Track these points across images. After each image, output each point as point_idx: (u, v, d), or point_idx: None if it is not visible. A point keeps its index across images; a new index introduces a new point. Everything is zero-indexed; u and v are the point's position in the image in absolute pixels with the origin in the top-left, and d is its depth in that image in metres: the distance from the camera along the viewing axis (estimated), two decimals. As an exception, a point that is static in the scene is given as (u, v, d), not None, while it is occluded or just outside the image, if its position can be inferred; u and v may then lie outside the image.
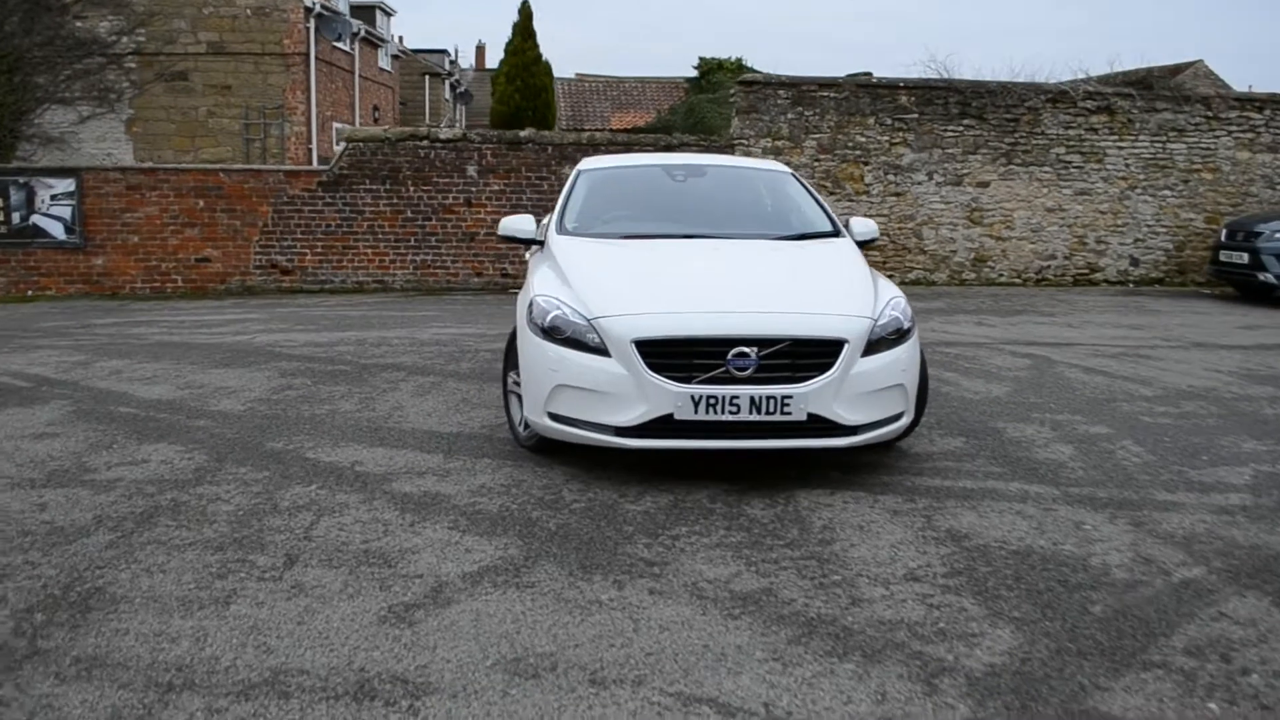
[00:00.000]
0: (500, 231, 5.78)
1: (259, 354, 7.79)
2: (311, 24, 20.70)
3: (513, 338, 5.12)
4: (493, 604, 3.19)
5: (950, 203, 14.27)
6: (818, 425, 4.24)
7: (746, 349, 4.16)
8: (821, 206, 5.84)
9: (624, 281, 4.62)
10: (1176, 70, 29.98)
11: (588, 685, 2.68)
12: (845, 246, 5.32)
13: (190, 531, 3.85)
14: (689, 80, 32.39)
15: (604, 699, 2.61)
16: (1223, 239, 12.76)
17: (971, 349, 8.35)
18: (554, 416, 4.45)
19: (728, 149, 13.65)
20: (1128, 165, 14.39)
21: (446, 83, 36.44)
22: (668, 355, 4.19)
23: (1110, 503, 4.24)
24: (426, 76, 34.65)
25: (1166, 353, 8.40)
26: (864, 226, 5.66)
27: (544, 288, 4.71)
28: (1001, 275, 14.44)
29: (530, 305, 4.63)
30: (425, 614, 3.12)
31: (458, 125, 35.34)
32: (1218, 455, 5.01)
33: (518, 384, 5.10)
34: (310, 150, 20.50)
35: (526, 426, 4.91)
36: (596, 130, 16.22)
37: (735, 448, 4.29)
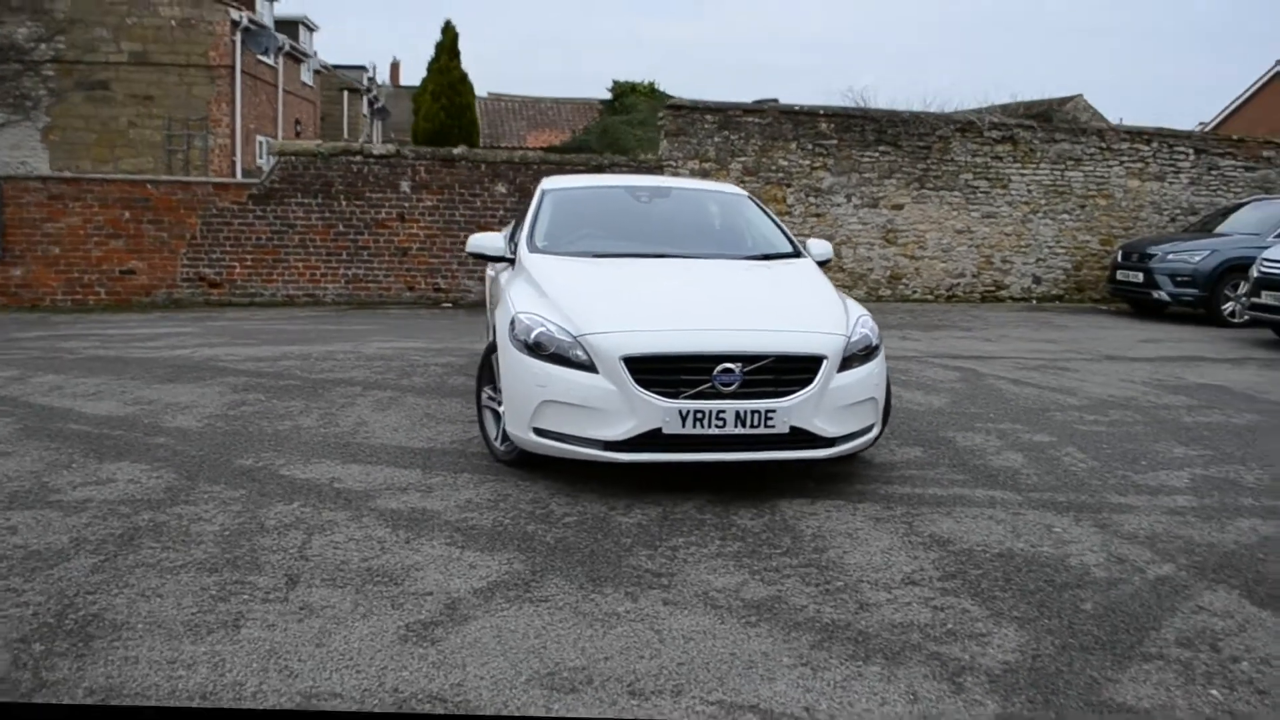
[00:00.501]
0: (470, 249, 5.78)
1: (202, 369, 7.57)
2: (238, 38, 20.22)
3: (488, 354, 5.13)
4: (511, 619, 3.21)
5: (867, 224, 14.73)
6: (799, 438, 4.37)
7: (731, 365, 4.27)
8: (780, 228, 6.01)
9: (608, 299, 4.68)
10: (1061, 103, 31.58)
11: (628, 697, 2.73)
12: (809, 267, 5.49)
13: (178, 553, 3.75)
14: (603, 102, 32.64)
15: (648, 710, 2.66)
16: (1119, 260, 13.49)
17: (903, 362, 8.64)
18: (540, 431, 4.48)
19: (656, 169, 13.82)
20: (1030, 191, 15.10)
21: (365, 99, 35.87)
22: (655, 371, 4.27)
23: (1071, 506, 4.48)
24: (345, 92, 34.05)
25: (1082, 365, 8.85)
26: (821, 248, 5.85)
27: (526, 305, 4.74)
28: (915, 292, 14.96)
29: (513, 322, 4.65)
30: (445, 631, 3.12)
31: (375, 141, 34.83)
32: (1155, 460, 5.32)
33: (493, 399, 5.12)
34: (234, 163, 19.97)
35: (505, 441, 4.92)
36: (529, 149, 16.20)
37: (720, 460, 4.39)
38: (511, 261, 5.56)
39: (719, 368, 4.26)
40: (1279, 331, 10.61)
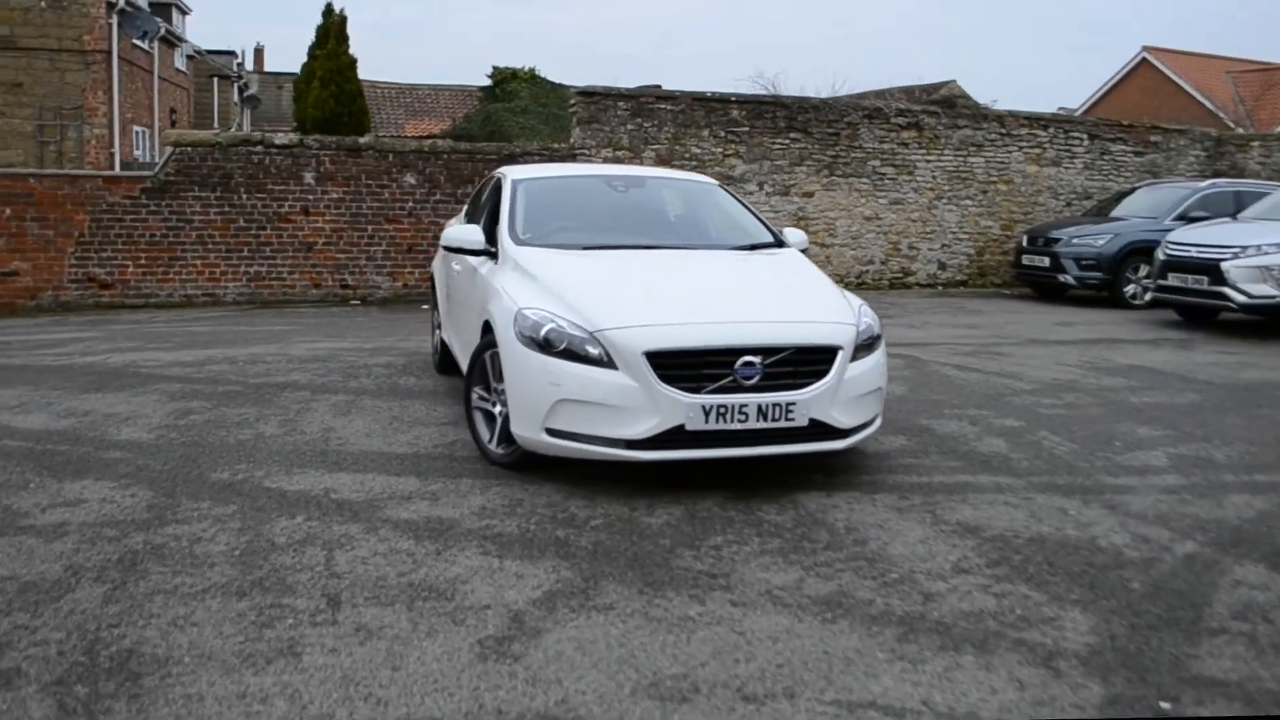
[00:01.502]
0: (445, 242, 5.56)
1: (125, 376, 7.07)
2: (114, 20, 18.90)
3: (479, 353, 4.95)
4: (584, 630, 3.09)
5: (779, 211, 14.91)
6: (818, 430, 4.37)
7: (752, 358, 4.23)
8: (757, 217, 6.00)
9: (619, 293, 4.57)
10: (935, 88, 32.78)
11: (743, 703, 2.66)
12: (799, 257, 5.50)
13: (193, 577, 3.48)
14: (482, 89, 32.13)
15: (769, 713, 2.60)
16: (1024, 245, 14.06)
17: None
18: (553, 432, 4.34)
19: (569, 158, 13.65)
20: (934, 177, 15.57)
21: (235, 86, 34.25)
22: (676, 366, 4.19)
23: (1073, 489, 4.62)
24: (215, 79, 32.41)
25: (1012, 349, 9.18)
26: (798, 236, 5.86)
27: (528, 300, 4.58)
28: (826, 279, 15.23)
29: (517, 318, 4.49)
30: (523, 646, 2.98)
31: (244, 130, 33.25)
32: (1127, 441, 5.55)
33: (485, 399, 4.94)
34: (112, 155, 18.71)
35: (502, 444, 4.76)
36: (439, 138, 15.70)
37: (743, 455, 4.34)
38: (491, 255, 5.37)
39: (740, 361, 4.21)
40: (1181, 312, 11.25)
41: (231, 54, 37.56)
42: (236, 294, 12.10)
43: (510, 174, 6.06)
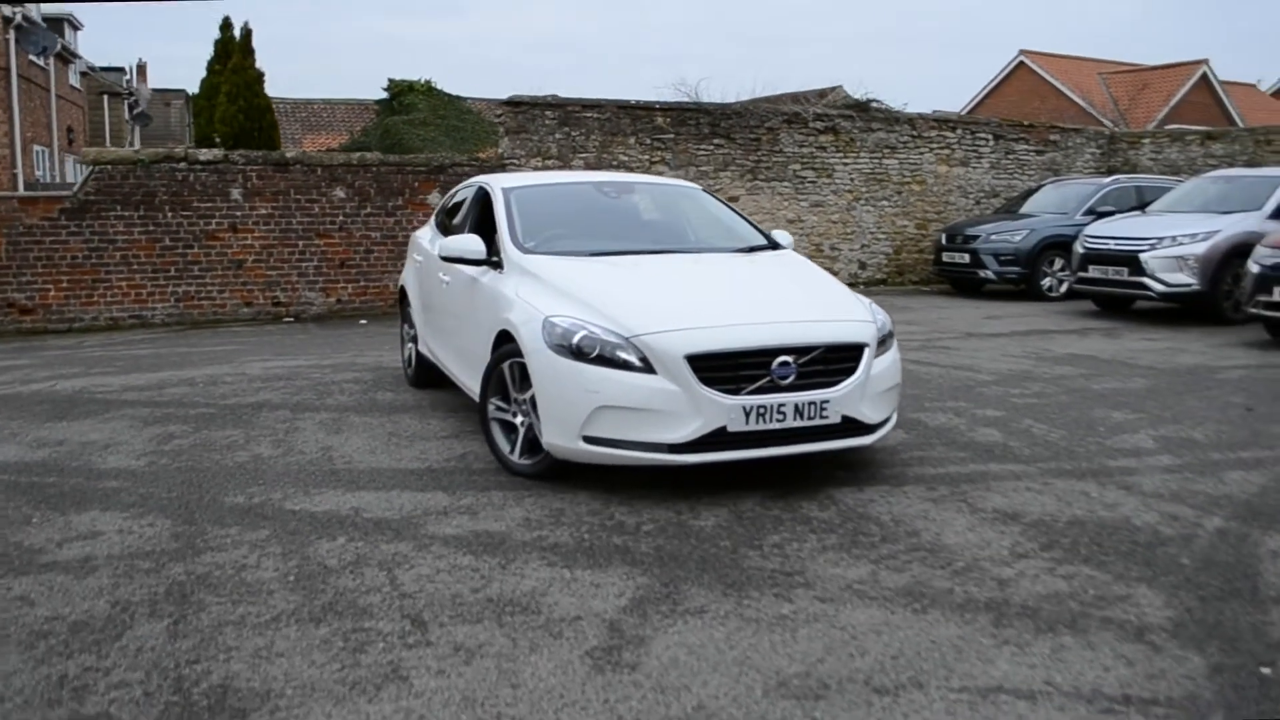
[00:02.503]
0: (443, 253, 5.45)
1: (82, 403, 6.70)
2: (10, 35, 17.78)
3: (495, 363, 4.87)
4: (686, 634, 3.08)
5: (707, 215, 15.06)
6: (849, 426, 4.46)
7: (787, 358, 4.28)
8: (747, 220, 6.07)
9: (646, 298, 4.56)
10: (823, 94, 33.68)
11: (877, 695, 2.70)
12: (801, 258, 5.59)
13: (255, 606, 3.33)
14: (379, 102, 31.52)
15: (905, 705, 2.64)
16: (944, 242, 14.55)
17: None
18: (591, 439, 4.30)
19: (499, 168, 13.53)
20: (852, 179, 15.99)
21: (125, 103, 32.75)
22: (716, 369, 4.22)
23: (1082, 473, 4.82)
24: (105, 96, 30.90)
25: (955, 343, 9.49)
26: (786, 238, 5.95)
27: (552, 307, 4.54)
28: (754, 282, 15.45)
29: (545, 326, 4.44)
30: (633, 655, 2.95)
31: (136, 149, 31.84)
32: (1110, 427, 5.81)
33: (503, 410, 4.88)
34: (15, 176, 17.59)
35: (525, 454, 4.71)
36: (367, 151, 15.23)
37: (782, 454, 4.39)
38: (494, 264, 5.29)
39: (776, 361, 4.26)
40: (1099, 302, 11.81)
41: (120, 70, 35.97)
42: (165, 315, 11.60)
43: (497, 183, 5.97)
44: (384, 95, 31.53)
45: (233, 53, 20.40)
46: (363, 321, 12.00)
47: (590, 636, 3.08)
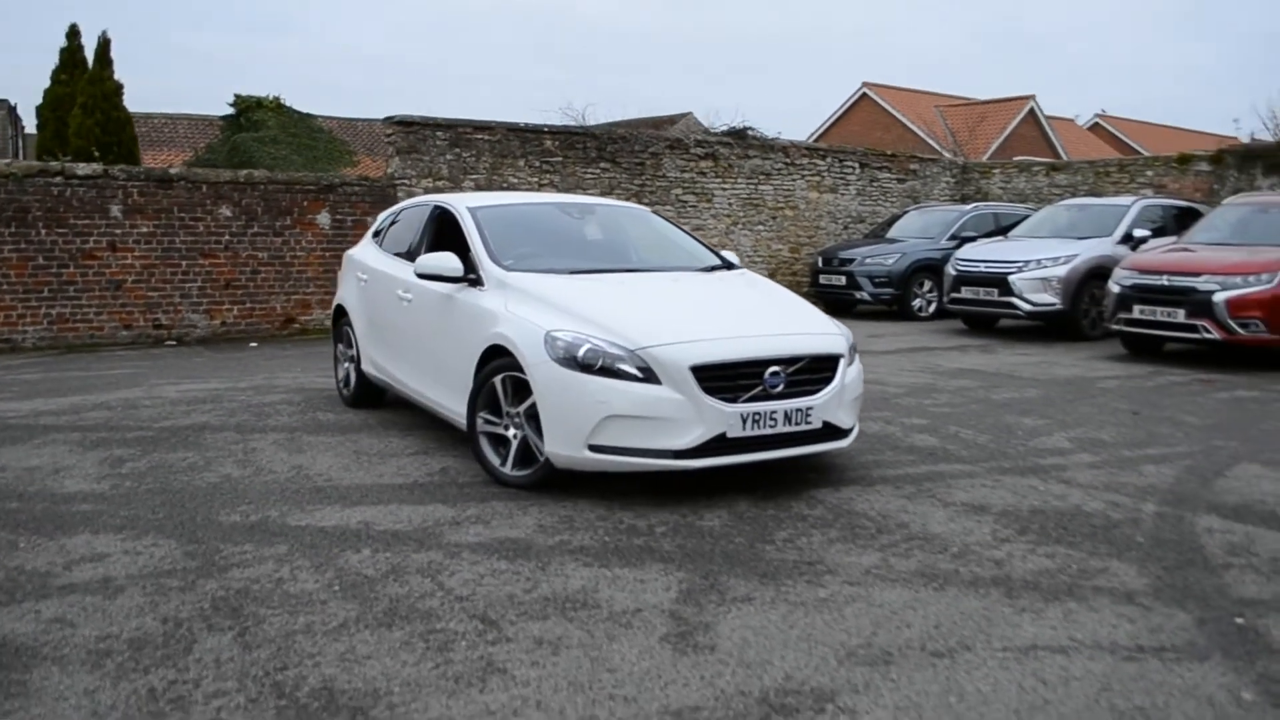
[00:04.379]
0: (420, 270, 5.52)
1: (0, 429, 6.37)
2: None
3: (485, 378, 5.00)
4: (746, 618, 3.35)
5: (594, 238, 15.38)
6: (828, 431, 4.84)
7: (778, 368, 4.63)
8: (699, 241, 6.41)
9: (644, 313, 4.81)
10: (673, 120, 34.77)
11: (936, 658, 3.04)
12: (762, 277, 5.97)
13: (317, 615, 3.39)
14: (224, 118, 30.45)
15: (963, 664, 3.00)
16: (820, 265, 15.36)
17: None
18: (596, 448, 4.52)
19: (389, 188, 13.48)
20: (730, 204, 16.67)
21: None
22: (715, 379, 4.51)
23: (1021, 470, 5.36)
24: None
25: (851, 359, 10.09)
26: (735, 258, 6.32)
27: (551, 322, 4.73)
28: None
29: (548, 339, 4.63)
30: (706, 638, 3.20)
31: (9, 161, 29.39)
32: (1027, 431, 6.43)
33: (493, 423, 5.02)
34: None
35: (518, 465, 4.87)
36: (254, 170, 14.62)
37: (773, 458, 4.72)
38: (470, 281, 5.42)
39: (768, 371, 4.60)
40: (967, 321, 12.78)
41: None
42: (37, 338, 10.97)
43: (460, 202, 6.09)
44: (230, 111, 30.51)
45: (80, 62, 19.47)
46: (253, 345, 11.68)
47: (658, 625, 3.30)
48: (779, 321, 5.05)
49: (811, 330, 5.00)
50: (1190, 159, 15.92)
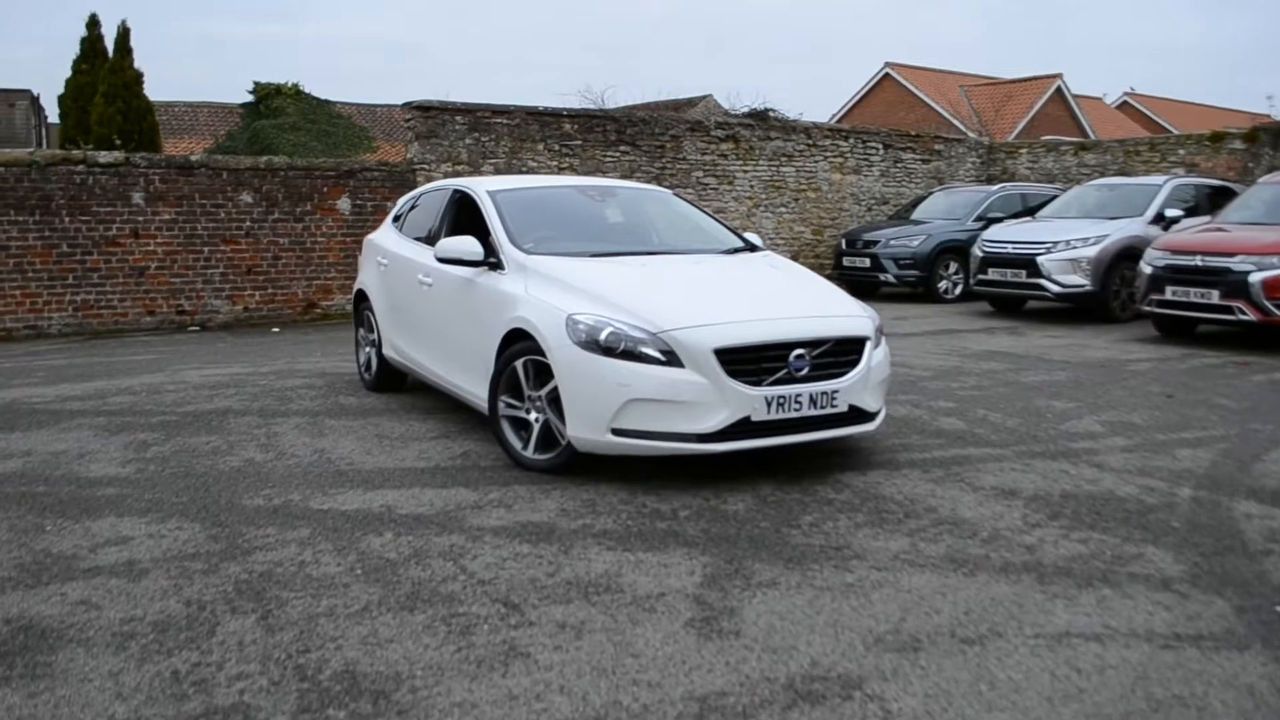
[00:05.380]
0: (440, 254, 5.49)
1: (26, 413, 6.40)
2: None
3: (506, 362, 4.96)
4: (771, 603, 3.30)
5: (615, 222, 15.30)
6: (854, 414, 4.76)
7: (803, 351, 4.56)
8: (721, 223, 6.33)
9: (666, 295, 4.75)
10: (692, 103, 34.53)
11: (966, 645, 2.98)
12: (785, 259, 5.88)
13: (339, 599, 3.37)
14: (244, 105, 30.53)
15: (994, 651, 2.93)
16: (844, 248, 15.21)
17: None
18: (619, 431, 4.47)
19: (409, 174, 13.45)
20: (752, 187, 16.53)
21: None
22: (740, 362, 4.45)
23: (1052, 454, 5.27)
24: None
25: (876, 342, 9.98)
26: (758, 240, 6.24)
27: (572, 305, 4.68)
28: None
29: (569, 323, 4.58)
30: (731, 624, 3.15)
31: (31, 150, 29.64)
32: (1057, 414, 6.32)
33: (514, 407, 4.99)
34: None
35: (540, 449, 4.84)
36: (274, 156, 14.57)
37: (798, 442, 4.66)
38: (490, 265, 5.37)
39: (793, 354, 4.53)
40: (994, 303, 12.62)
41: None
42: (62, 325, 11.04)
43: (479, 186, 6.04)
44: (249, 99, 30.60)
45: (100, 52, 19.54)
46: (275, 330, 11.71)
47: (682, 610, 3.26)
48: (804, 304, 4.97)
49: (837, 312, 4.92)
50: (1223, 137, 15.63)
